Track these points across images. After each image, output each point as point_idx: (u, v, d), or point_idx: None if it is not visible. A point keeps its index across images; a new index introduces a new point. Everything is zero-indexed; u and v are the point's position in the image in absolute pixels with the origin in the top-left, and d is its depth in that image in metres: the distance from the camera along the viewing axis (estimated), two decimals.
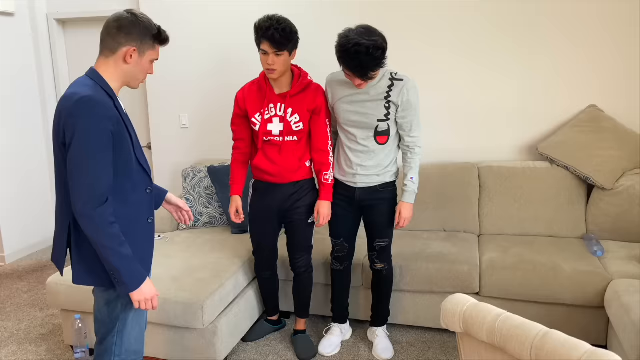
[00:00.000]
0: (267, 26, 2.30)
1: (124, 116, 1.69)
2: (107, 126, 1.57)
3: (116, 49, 1.66)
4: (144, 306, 1.71)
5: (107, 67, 1.68)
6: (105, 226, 1.58)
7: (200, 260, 2.84)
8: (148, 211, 1.80)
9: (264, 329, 2.93)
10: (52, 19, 4.29)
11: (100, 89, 1.63)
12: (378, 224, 2.55)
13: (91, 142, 1.54)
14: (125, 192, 1.69)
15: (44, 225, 4.48)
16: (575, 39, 3.17)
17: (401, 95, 2.35)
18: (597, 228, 3.03)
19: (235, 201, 2.62)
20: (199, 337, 2.51)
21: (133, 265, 1.65)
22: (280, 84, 2.48)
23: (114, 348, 1.81)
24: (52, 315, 3.23)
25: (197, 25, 3.83)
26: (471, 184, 3.23)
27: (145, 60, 1.71)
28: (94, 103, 1.55)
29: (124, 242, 1.63)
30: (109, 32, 1.66)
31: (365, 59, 2.13)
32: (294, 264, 2.71)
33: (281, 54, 2.34)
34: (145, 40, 1.69)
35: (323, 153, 2.54)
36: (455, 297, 1.41)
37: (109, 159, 1.59)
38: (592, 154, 3.02)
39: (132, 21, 1.66)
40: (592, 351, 1.11)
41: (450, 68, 3.39)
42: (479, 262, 2.78)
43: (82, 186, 1.55)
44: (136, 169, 1.72)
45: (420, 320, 2.87)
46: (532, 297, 2.63)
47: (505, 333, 1.25)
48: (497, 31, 3.27)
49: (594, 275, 2.56)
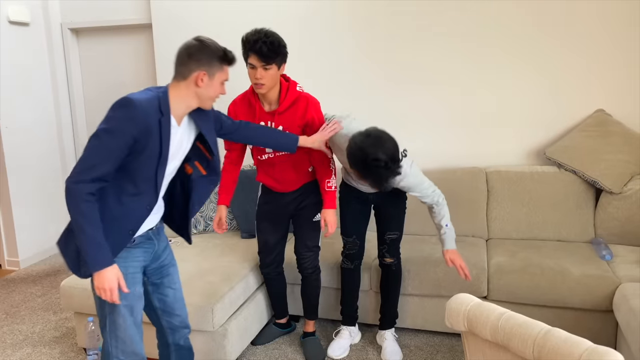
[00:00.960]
0: (254, 39, 2.25)
1: (165, 134, 1.74)
2: (131, 129, 1.65)
3: (188, 75, 1.77)
4: (103, 295, 1.71)
5: (178, 90, 1.79)
6: (79, 201, 1.63)
7: (210, 264, 2.89)
8: (134, 224, 1.80)
9: (273, 333, 2.96)
10: (66, 29, 4.40)
11: (156, 102, 1.73)
12: (390, 216, 2.59)
13: (106, 131, 1.64)
14: (122, 191, 1.75)
15: (58, 231, 4.56)
16: (582, 43, 3.20)
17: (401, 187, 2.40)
18: (605, 232, 3.04)
19: (220, 211, 2.58)
20: (209, 340, 2.55)
21: (98, 248, 1.67)
22: (269, 99, 2.44)
23: (111, 349, 1.85)
24: (65, 318, 3.29)
25: (208, 31, 3.90)
26: (479, 189, 3.26)
27: (215, 82, 1.81)
28: (132, 105, 1.66)
29: (95, 224, 1.65)
30: (181, 60, 1.78)
31: (385, 173, 2.11)
32: (301, 264, 2.73)
33: (269, 67, 2.28)
34: (213, 63, 1.79)
35: (323, 163, 2.53)
36: (459, 296, 1.44)
37: (116, 153, 1.65)
38: (600, 158, 3.04)
39: (200, 47, 1.77)
40: (593, 348, 1.14)
41: (458, 73, 3.43)
42: (486, 265, 2.80)
43: (79, 160, 1.66)
44: (147, 181, 1.78)
45: (428, 324, 2.89)
46: (540, 301, 2.65)
47: (508, 331, 1.27)
48: (504, 36, 3.30)
49: (603, 279, 2.56)
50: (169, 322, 2.09)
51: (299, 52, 3.69)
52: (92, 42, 4.48)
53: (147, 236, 1.91)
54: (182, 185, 2.02)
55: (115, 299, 1.73)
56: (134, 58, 4.40)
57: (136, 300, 1.87)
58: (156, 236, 1.96)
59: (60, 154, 4.55)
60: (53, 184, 4.50)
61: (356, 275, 2.78)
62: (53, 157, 4.50)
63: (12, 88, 4.09)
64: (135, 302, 1.87)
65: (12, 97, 4.10)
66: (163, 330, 2.10)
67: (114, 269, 1.72)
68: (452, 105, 3.48)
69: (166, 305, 2.06)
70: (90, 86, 4.58)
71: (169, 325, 2.09)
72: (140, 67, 4.38)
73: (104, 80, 4.53)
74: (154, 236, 1.95)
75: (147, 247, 1.92)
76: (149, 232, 1.92)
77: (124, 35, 4.37)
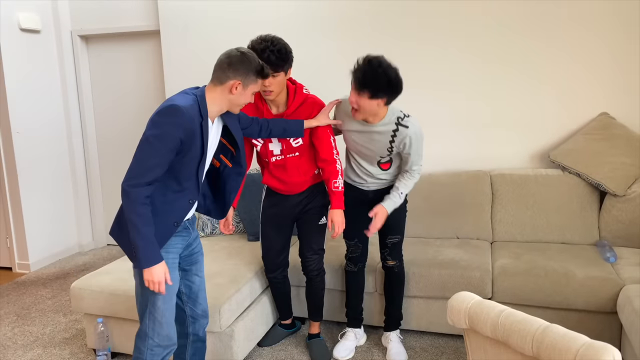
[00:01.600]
0: (261, 48, 2.27)
1: (205, 136, 1.91)
2: (179, 133, 1.81)
3: (224, 81, 1.91)
4: (151, 287, 1.88)
5: (214, 93, 1.93)
6: (137, 204, 1.80)
7: (217, 266, 2.93)
8: (178, 216, 1.98)
9: (278, 334, 3.00)
10: (76, 36, 4.48)
11: (196, 106, 1.88)
12: (390, 220, 2.61)
13: (156, 136, 1.79)
14: (168, 189, 1.92)
15: (67, 234, 4.63)
16: (586, 47, 3.23)
17: (402, 145, 2.43)
18: (610, 235, 3.06)
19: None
20: (216, 340, 2.60)
21: (151, 246, 1.84)
22: (276, 102, 2.50)
23: (148, 330, 1.99)
24: (75, 320, 3.35)
25: (214, 38, 3.97)
26: (483, 192, 3.29)
27: (248, 92, 1.96)
28: (177, 112, 1.80)
29: (149, 224, 1.83)
30: (220, 66, 1.91)
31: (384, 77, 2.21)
32: (305, 267, 2.77)
33: (277, 75, 2.33)
34: (249, 75, 1.92)
35: (329, 163, 2.55)
36: (461, 294, 1.47)
37: (165, 156, 1.81)
38: (604, 161, 3.06)
39: (240, 59, 1.90)
40: (590, 343, 1.17)
41: (462, 77, 3.47)
42: (491, 268, 2.83)
43: (133, 165, 1.81)
44: (190, 179, 1.96)
45: (433, 325, 2.91)
46: (544, 303, 2.67)
47: (508, 328, 1.31)
48: (508, 39, 3.34)
49: (607, 281, 2.58)
50: (192, 309, 2.24)
51: (304, 56, 3.75)
52: (101, 48, 4.57)
53: (184, 225, 2.08)
54: (207, 177, 2.22)
55: (163, 290, 1.90)
56: (142, 64, 4.47)
57: (175, 286, 2.03)
58: (191, 225, 2.14)
59: (70, 159, 4.63)
60: (63, 188, 4.58)
61: (360, 277, 2.81)
62: (63, 161, 4.57)
63: (23, 94, 4.18)
64: (175, 287, 2.03)
65: (24, 103, 4.19)
66: (185, 318, 2.24)
67: (163, 265, 1.89)
68: (456, 109, 3.51)
69: (192, 291, 2.22)
70: (100, 92, 4.66)
71: (192, 313, 2.24)
72: (148, 73, 4.45)
73: (113, 85, 4.61)
74: (190, 225, 2.12)
75: (184, 235, 2.08)
76: (186, 222, 2.08)
77: (132, 41, 4.45)
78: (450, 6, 3.41)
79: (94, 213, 4.80)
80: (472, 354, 1.49)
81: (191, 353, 2.29)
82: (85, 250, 4.76)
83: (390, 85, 2.23)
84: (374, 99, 2.25)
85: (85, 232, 4.76)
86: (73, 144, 4.60)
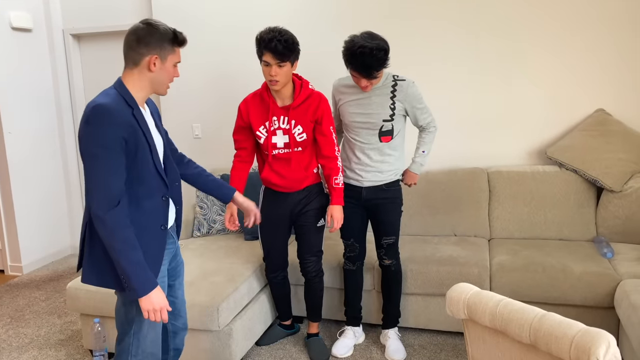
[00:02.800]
0: (269, 38, 2.38)
1: (143, 125, 1.79)
2: (119, 133, 1.68)
3: (139, 60, 1.78)
4: (152, 317, 1.77)
5: (132, 78, 1.80)
6: (117, 229, 1.67)
7: (214, 265, 2.98)
8: (162, 218, 1.88)
9: (277, 334, 3.04)
10: (67, 34, 4.51)
11: (120, 99, 1.75)
12: (384, 222, 2.71)
13: (100, 146, 1.65)
14: (139, 198, 1.79)
15: (60, 236, 4.65)
16: (582, 43, 3.29)
17: (406, 94, 2.58)
18: (607, 230, 3.12)
19: (231, 207, 2.65)
20: (215, 339, 2.64)
21: (143, 271, 1.72)
22: (282, 95, 2.56)
23: (130, 348, 1.90)
24: (70, 322, 3.38)
25: (211, 36, 4.01)
26: (481, 189, 3.35)
27: (168, 65, 1.83)
28: (106, 111, 1.66)
29: (136, 247, 1.71)
30: (129, 45, 1.79)
31: (370, 60, 2.36)
32: (304, 269, 2.82)
33: (283, 65, 2.41)
34: (164, 46, 1.79)
35: (331, 159, 2.64)
36: (460, 285, 1.52)
37: (119, 163, 1.69)
38: (601, 157, 3.13)
39: (148, 30, 1.77)
40: (586, 329, 1.22)
41: (458, 74, 3.53)
42: (489, 264, 2.88)
43: (94, 189, 1.67)
44: (153, 176, 1.83)
45: (431, 323, 2.97)
46: (542, 299, 2.73)
47: (506, 317, 1.36)
48: (504, 35, 3.40)
49: (604, 276, 2.65)
50: (174, 325, 2.16)
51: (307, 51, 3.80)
52: (93, 47, 4.60)
53: (168, 235, 1.97)
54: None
55: (165, 318, 1.79)
56: None
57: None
58: (174, 234, 2.05)
59: (62, 160, 4.66)
60: (56, 189, 4.60)
61: (359, 276, 2.87)
62: (56, 162, 4.60)
63: (14, 94, 4.20)
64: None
65: (15, 102, 4.21)
66: (167, 334, 2.15)
67: (159, 290, 1.78)
68: (453, 107, 3.57)
69: (175, 307, 2.15)
70: (92, 91, 4.68)
71: (174, 328, 2.16)
72: None
73: (106, 84, 4.64)
74: (173, 234, 2.04)
75: (170, 247, 2.00)
76: (168, 230, 1.97)
77: None
78: (445, 3, 3.46)
79: None
80: (471, 344, 1.54)
81: None
82: (78, 252, 4.78)
83: (387, 54, 2.43)
84: (380, 72, 2.49)
85: (78, 234, 4.78)
86: (66, 144, 4.63)
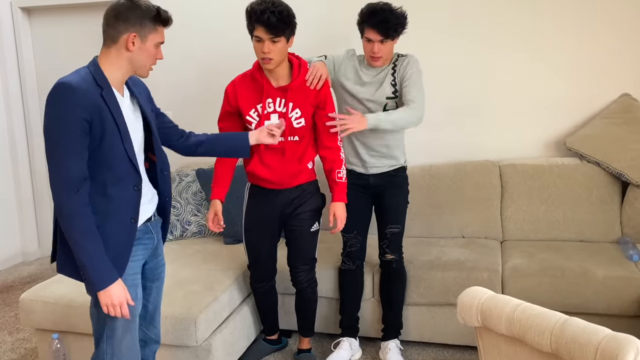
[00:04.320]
0: (261, 9, 2.37)
1: (113, 107, 1.84)
2: (79, 113, 1.73)
3: (117, 38, 1.84)
4: (112, 312, 1.83)
5: (109, 57, 1.86)
6: (74, 219, 1.75)
7: (190, 272, 2.99)
8: (132, 210, 1.93)
9: (262, 349, 3.07)
10: (16, 8, 4.49)
11: (90, 78, 1.81)
12: (391, 207, 2.83)
13: (59, 127, 1.72)
14: (104, 184, 1.85)
15: (9, 242, 4.63)
16: (604, 20, 3.35)
17: (402, 68, 2.73)
18: (633, 230, 3.19)
19: (215, 206, 2.68)
20: (192, 356, 2.66)
21: (101, 264, 1.80)
22: (276, 75, 2.57)
23: (106, 357, 1.96)
24: (22, 339, 3.37)
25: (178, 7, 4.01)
26: (492, 185, 3.40)
27: (149, 45, 1.88)
28: (67, 89, 1.73)
29: (95, 238, 1.79)
30: (107, 21, 1.84)
31: (390, 16, 2.57)
32: (295, 278, 2.84)
33: (278, 40, 2.41)
34: (145, 24, 1.85)
35: (333, 150, 2.66)
36: (472, 289, 1.57)
37: (80, 147, 1.75)
38: (626, 148, 3.20)
39: (129, 6, 1.83)
40: (612, 335, 1.27)
41: (467, 55, 3.57)
42: (501, 268, 2.94)
43: (53, 172, 1.75)
44: (122, 162, 1.88)
45: (437, 336, 3.02)
46: (561, 307, 2.78)
47: (525, 323, 1.41)
48: (518, 13, 3.45)
49: (630, 281, 2.71)
50: (145, 333, 2.21)
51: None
52: (46, 22, 4.57)
53: (145, 230, 2.04)
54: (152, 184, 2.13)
55: (126, 313, 1.86)
56: (94, 40, 4.47)
57: (138, 305, 2.00)
58: (154, 229, 2.11)
59: (12, 156, 4.62)
60: (4, 188, 4.57)
61: (359, 277, 2.93)
62: (3, 156, 4.57)
63: None
64: (137, 307, 2.00)
65: None
66: None
67: (119, 283, 1.85)
68: (461, 92, 3.62)
69: (148, 313, 2.19)
70: (46, 76, 4.65)
71: (144, 337, 2.21)
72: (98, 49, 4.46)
73: (61, 64, 4.56)
74: (152, 229, 2.09)
75: (147, 242, 2.05)
76: (147, 223, 2.04)
77: (80, 14, 4.46)
78: None
79: (41, 217, 4.80)
80: (485, 354, 1.58)
81: None
82: (30, 260, 4.77)
83: (406, 18, 2.66)
84: (396, 39, 2.68)
85: (30, 240, 4.76)
86: (15, 135, 4.60)
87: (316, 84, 2.58)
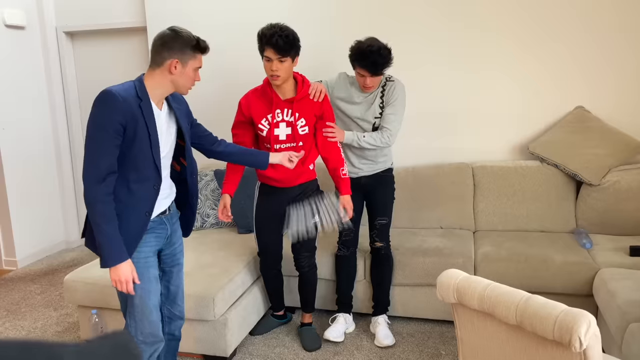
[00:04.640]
0: (270, 33, 2.42)
1: (149, 117, 1.88)
2: (116, 117, 1.79)
3: (162, 62, 1.90)
4: (119, 287, 1.88)
5: (153, 77, 1.93)
6: (96, 203, 1.80)
7: (209, 258, 3.00)
8: (148, 206, 1.96)
9: (270, 323, 3.08)
10: (61, 32, 4.49)
11: (132, 90, 1.87)
12: (379, 202, 2.86)
13: (97, 126, 1.79)
14: (129, 180, 1.90)
15: (54, 231, 4.64)
16: (562, 42, 3.37)
17: (389, 93, 2.71)
18: (586, 222, 3.21)
19: (224, 199, 2.69)
20: (210, 329, 2.67)
21: (115, 244, 1.83)
22: (283, 90, 2.59)
23: (131, 329, 2.01)
24: (66, 314, 3.38)
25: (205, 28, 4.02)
26: (466, 183, 3.41)
27: (189, 69, 1.93)
28: (109, 95, 1.79)
29: (112, 221, 1.82)
30: (155, 48, 1.91)
31: (376, 57, 2.52)
32: (298, 264, 2.87)
33: (284, 60, 2.46)
34: (185, 51, 1.90)
35: (335, 150, 2.71)
36: (449, 271, 1.58)
37: (112, 145, 1.80)
38: (580, 152, 3.21)
39: (173, 36, 1.89)
40: (568, 310, 1.29)
41: (445, 73, 3.58)
42: (473, 255, 2.95)
43: (85, 163, 1.81)
44: (148, 166, 1.92)
45: (419, 311, 3.03)
46: (525, 287, 2.80)
47: (494, 300, 1.42)
48: (488, 35, 3.47)
49: (583, 266, 2.73)
50: (170, 310, 2.23)
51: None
52: (87, 45, 4.58)
53: (159, 221, 2.04)
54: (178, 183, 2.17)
55: (130, 290, 1.90)
56: (128, 60, 4.50)
57: (151, 284, 2.01)
58: (169, 221, 2.10)
59: (56, 155, 4.63)
60: (49, 184, 4.58)
61: (352, 261, 2.95)
62: (49, 158, 4.58)
63: (8, 91, 4.18)
64: (151, 285, 2.01)
65: (9, 99, 4.19)
66: (162, 318, 2.22)
67: (128, 263, 1.88)
68: (440, 104, 3.63)
69: (170, 293, 2.21)
70: (86, 89, 4.67)
71: (169, 314, 2.24)
72: (134, 70, 4.48)
73: (99, 82, 4.62)
74: (167, 221, 2.08)
75: (160, 232, 2.05)
76: (162, 216, 2.05)
77: (118, 38, 4.48)
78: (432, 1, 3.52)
79: (81, 209, 4.81)
80: (461, 327, 1.60)
81: (165, 350, 2.29)
82: (72, 247, 4.78)
83: (391, 53, 2.60)
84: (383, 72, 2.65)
85: (72, 229, 4.77)
86: (59, 139, 4.61)
87: (318, 97, 2.62)
